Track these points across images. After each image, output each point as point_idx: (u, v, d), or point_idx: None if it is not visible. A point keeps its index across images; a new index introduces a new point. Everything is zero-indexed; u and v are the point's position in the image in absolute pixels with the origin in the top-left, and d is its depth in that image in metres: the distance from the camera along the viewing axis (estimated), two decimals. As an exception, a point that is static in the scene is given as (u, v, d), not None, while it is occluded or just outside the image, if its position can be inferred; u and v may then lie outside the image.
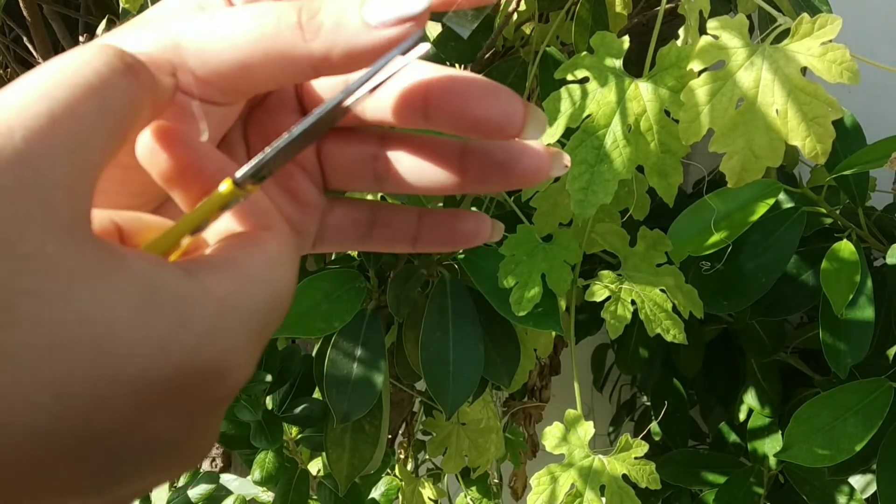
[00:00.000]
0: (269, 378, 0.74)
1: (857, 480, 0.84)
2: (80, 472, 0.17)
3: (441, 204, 0.70)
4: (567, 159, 0.25)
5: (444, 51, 0.64)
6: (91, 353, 0.16)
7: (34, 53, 0.63)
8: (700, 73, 0.47)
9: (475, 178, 0.25)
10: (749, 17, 0.49)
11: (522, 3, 0.61)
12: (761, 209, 0.62)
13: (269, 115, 0.26)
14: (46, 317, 0.16)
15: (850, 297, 0.67)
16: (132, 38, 0.22)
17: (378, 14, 0.20)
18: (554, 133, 0.51)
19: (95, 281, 0.17)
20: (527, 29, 0.67)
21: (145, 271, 0.18)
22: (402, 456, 0.89)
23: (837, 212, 0.75)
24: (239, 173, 0.21)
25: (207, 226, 0.22)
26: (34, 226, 0.16)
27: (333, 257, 0.77)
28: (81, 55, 0.18)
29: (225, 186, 0.21)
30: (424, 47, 0.21)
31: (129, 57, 0.19)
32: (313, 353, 0.72)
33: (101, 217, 0.21)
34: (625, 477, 0.59)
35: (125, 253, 0.18)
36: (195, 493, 0.80)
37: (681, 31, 0.53)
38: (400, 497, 0.81)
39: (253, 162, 0.21)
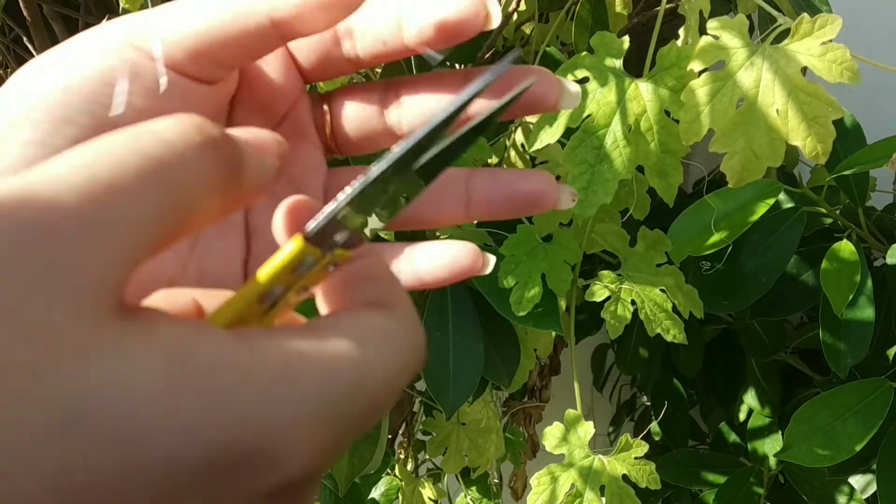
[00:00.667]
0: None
1: (857, 480, 0.84)
2: None
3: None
4: (574, 194, 0.25)
5: (443, 51, 0.64)
6: (100, 437, 0.14)
7: (34, 54, 0.63)
8: (700, 73, 0.47)
9: (482, 207, 0.25)
10: (749, 17, 0.48)
11: (522, 2, 0.61)
12: (761, 209, 0.62)
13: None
14: (44, 395, 0.13)
15: (850, 297, 0.67)
16: (103, 30, 0.21)
17: None
18: (554, 133, 0.50)
19: (113, 355, 0.14)
20: (527, 29, 0.67)
21: (178, 338, 0.15)
22: (401, 456, 0.89)
23: (837, 212, 0.74)
24: (310, 226, 0.18)
25: (292, 295, 0.19)
26: (40, 293, 0.14)
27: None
28: (162, 123, 0.16)
29: (291, 245, 0.18)
30: (514, 54, 0.20)
31: (212, 129, 0.17)
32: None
33: (180, 296, 0.20)
34: (625, 477, 0.59)
35: (157, 321, 0.15)
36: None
37: (681, 31, 0.53)
38: (400, 497, 0.81)
39: (325, 211, 0.18)
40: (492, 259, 0.26)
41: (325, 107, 0.26)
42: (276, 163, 0.19)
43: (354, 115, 0.26)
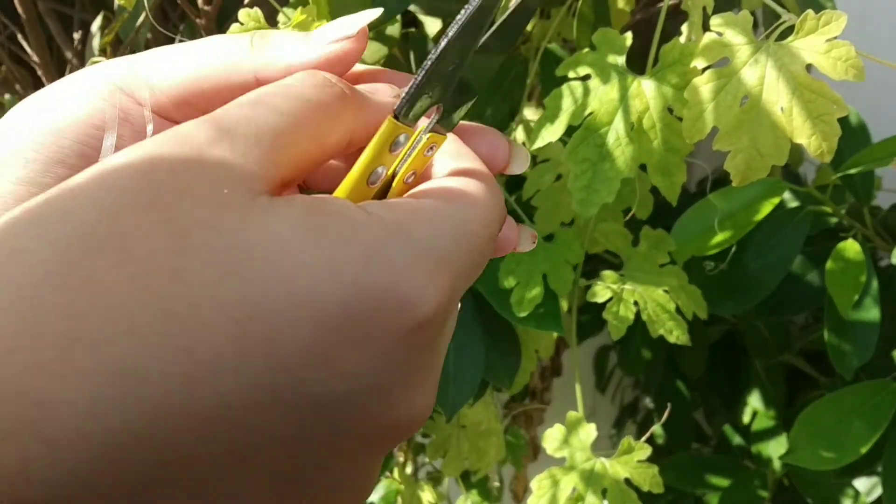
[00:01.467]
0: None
1: (862, 483, 0.83)
2: (279, 436, 0.17)
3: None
4: (534, 236, 0.27)
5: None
6: (264, 275, 0.16)
7: (28, 51, 0.63)
8: (704, 70, 0.46)
9: None
10: (753, 13, 0.48)
11: None
12: (766, 208, 0.62)
13: None
14: (219, 243, 0.16)
15: (856, 297, 0.66)
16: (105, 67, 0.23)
17: (322, 33, 0.23)
18: (555, 131, 0.50)
19: (265, 213, 0.17)
20: (528, 25, 0.66)
21: (310, 201, 0.18)
22: (401, 459, 0.89)
23: (843, 211, 0.74)
24: (397, 107, 0.22)
25: (400, 181, 0.22)
26: (210, 176, 0.17)
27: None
28: (299, 77, 0.21)
29: (383, 126, 0.21)
30: None
31: (329, 77, 0.22)
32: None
33: None
34: (627, 480, 0.59)
35: (295, 196, 0.19)
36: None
37: (684, 28, 0.52)
38: (399, 500, 0.80)
39: (406, 93, 0.21)
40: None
41: None
42: (390, 101, 0.23)
43: None
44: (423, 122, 0.22)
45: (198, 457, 0.16)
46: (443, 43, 0.21)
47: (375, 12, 0.24)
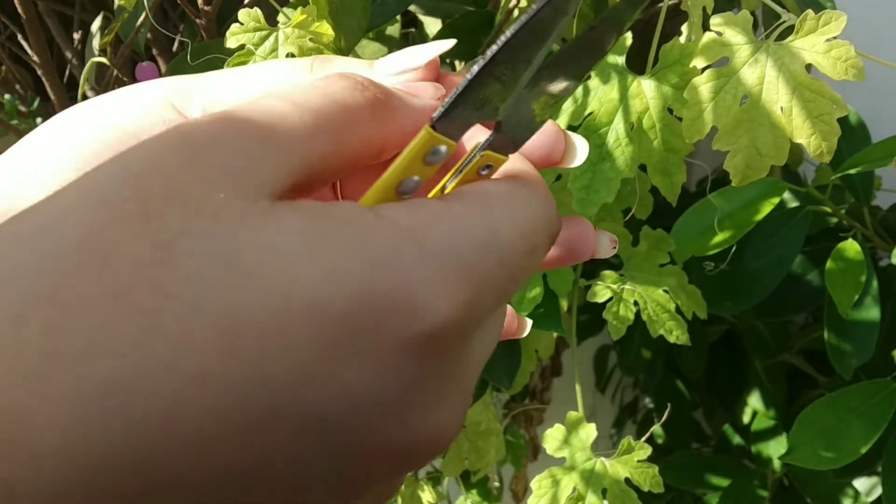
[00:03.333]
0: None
1: (861, 483, 0.83)
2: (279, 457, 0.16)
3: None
4: (614, 241, 0.25)
5: (443, 48, 0.63)
6: (254, 283, 0.16)
7: (29, 51, 0.63)
8: (703, 69, 0.46)
9: None
10: (753, 13, 0.48)
11: (523, -1, 0.61)
12: (766, 208, 0.62)
13: None
14: (206, 253, 0.16)
15: (856, 297, 0.66)
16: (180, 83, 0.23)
17: (386, 65, 0.23)
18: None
19: (261, 219, 0.16)
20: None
21: (313, 206, 0.17)
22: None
23: (843, 211, 0.74)
24: (436, 114, 0.19)
25: (442, 189, 0.20)
26: (206, 180, 0.16)
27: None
28: (329, 77, 0.20)
29: (420, 134, 0.20)
30: None
31: (363, 79, 0.20)
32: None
33: None
34: (627, 480, 0.59)
35: (300, 202, 0.17)
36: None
37: (684, 28, 0.52)
38: (399, 500, 0.80)
39: (448, 100, 0.19)
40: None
41: None
42: (428, 104, 0.21)
43: None
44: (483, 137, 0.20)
45: (193, 481, 0.15)
46: (493, 49, 0.18)
47: (447, 44, 0.23)
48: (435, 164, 0.20)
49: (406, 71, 0.22)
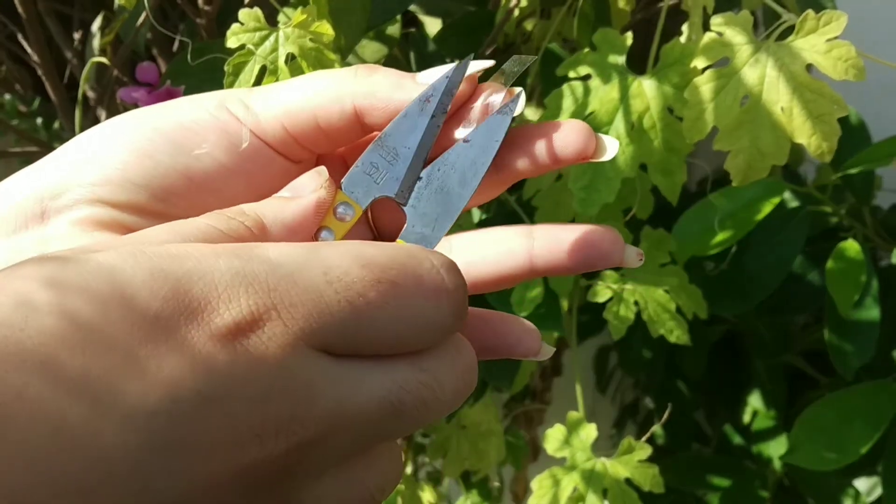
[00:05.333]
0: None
1: (862, 483, 0.83)
2: None
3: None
4: (641, 255, 0.26)
5: (444, 47, 0.63)
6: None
7: (28, 51, 0.63)
8: (704, 69, 0.46)
9: (545, 258, 0.26)
10: (753, 13, 0.48)
11: (524, -1, 0.61)
12: (766, 208, 0.62)
13: None
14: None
15: (856, 297, 0.66)
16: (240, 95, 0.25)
17: (429, 77, 0.24)
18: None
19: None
20: (528, 25, 0.66)
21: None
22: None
23: (843, 211, 0.74)
24: (343, 179, 0.24)
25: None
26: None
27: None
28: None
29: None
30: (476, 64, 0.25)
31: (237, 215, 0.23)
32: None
33: (238, 215, 0.23)
34: (628, 480, 0.59)
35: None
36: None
37: (684, 28, 0.52)
38: (399, 501, 0.80)
39: (351, 168, 0.23)
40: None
41: None
42: (311, 198, 0.23)
43: None
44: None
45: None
46: (385, 129, 0.23)
47: (485, 63, 0.25)
48: (346, 221, 0.23)
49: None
